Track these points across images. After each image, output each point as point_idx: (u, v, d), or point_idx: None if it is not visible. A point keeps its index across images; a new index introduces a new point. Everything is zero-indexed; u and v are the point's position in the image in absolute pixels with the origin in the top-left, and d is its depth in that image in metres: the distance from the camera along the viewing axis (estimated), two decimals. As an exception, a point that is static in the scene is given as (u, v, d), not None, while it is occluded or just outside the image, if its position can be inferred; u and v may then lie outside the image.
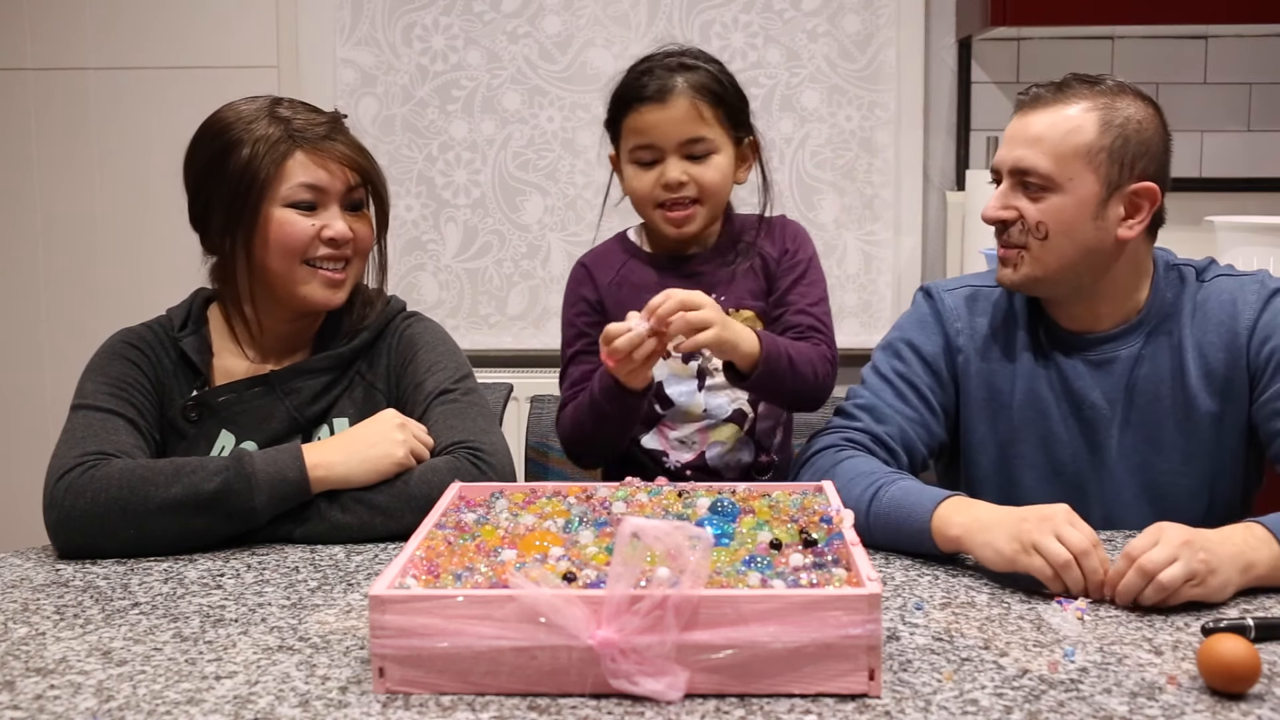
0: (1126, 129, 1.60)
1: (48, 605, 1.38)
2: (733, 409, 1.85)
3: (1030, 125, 1.63)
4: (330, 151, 1.69)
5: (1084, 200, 1.61)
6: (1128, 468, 1.68)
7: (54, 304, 3.47)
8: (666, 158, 1.79)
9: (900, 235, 3.35)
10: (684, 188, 1.79)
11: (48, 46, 3.40)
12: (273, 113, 1.69)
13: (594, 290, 1.88)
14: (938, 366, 1.74)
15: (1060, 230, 1.61)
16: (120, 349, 1.72)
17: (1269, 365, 1.63)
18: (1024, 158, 1.62)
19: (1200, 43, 3.26)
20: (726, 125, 1.81)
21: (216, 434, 1.70)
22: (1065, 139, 1.60)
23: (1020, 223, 1.64)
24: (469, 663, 1.10)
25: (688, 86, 1.77)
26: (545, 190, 3.37)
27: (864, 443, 1.68)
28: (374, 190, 1.76)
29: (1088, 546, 1.35)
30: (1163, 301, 1.69)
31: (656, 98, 1.77)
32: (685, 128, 1.77)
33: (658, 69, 1.79)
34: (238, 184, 1.66)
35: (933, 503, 1.49)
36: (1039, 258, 1.64)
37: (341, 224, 1.70)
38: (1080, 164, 1.60)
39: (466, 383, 1.76)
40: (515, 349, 3.40)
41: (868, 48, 3.30)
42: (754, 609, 1.08)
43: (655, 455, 1.86)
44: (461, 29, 3.33)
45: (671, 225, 1.82)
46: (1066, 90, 1.63)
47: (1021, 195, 1.64)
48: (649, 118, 1.78)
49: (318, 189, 1.68)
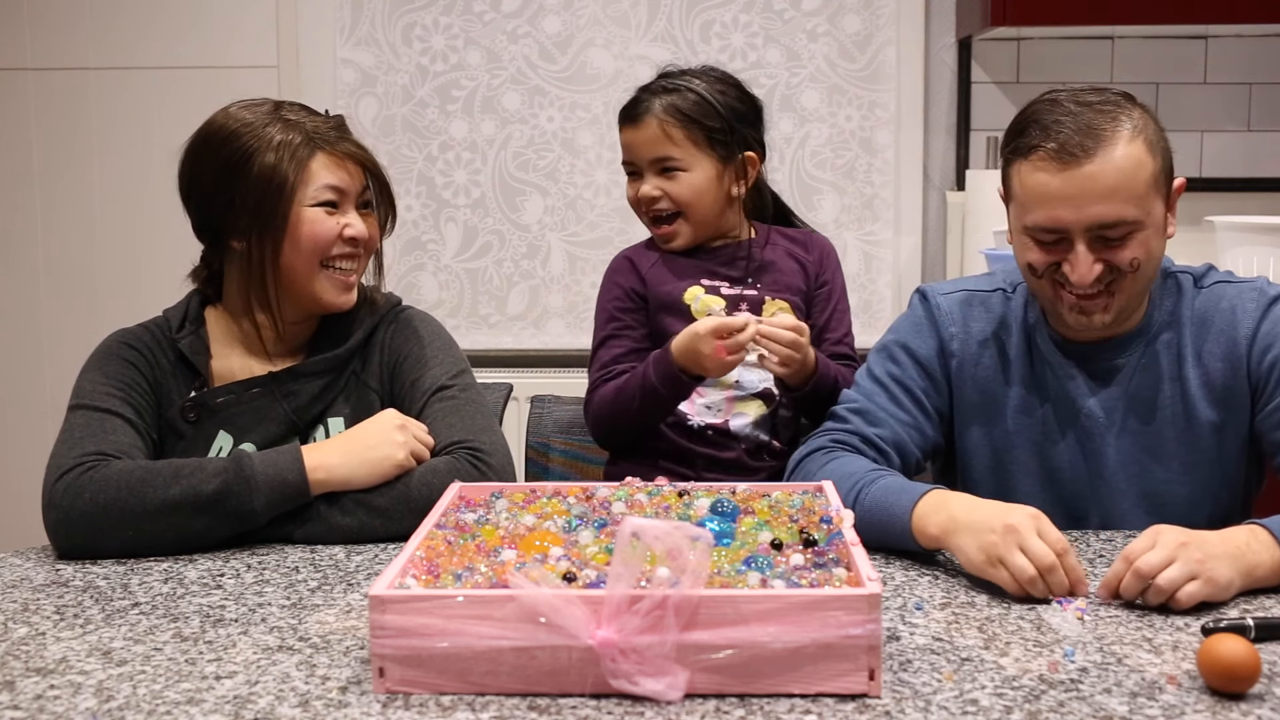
0: (1161, 140, 1.59)
1: (48, 605, 1.38)
2: (762, 386, 1.96)
3: (1096, 179, 1.53)
4: (346, 152, 1.72)
5: (1158, 225, 1.59)
6: (1126, 476, 1.67)
7: (54, 304, 3.47)
8: (644, 174, 1.96)
9: (900, 235, 3.35)
10: (657, 202, 1.96)
11: (48, 46, 3.40)
12: (281, 118, 1.70)
13: (635, 277, 2.01)
14: (932, 369, 1.74)
15: (1148, 259, 1.58)
16: (117, 349, 1.72)
17: (1271, 375, 1.62)
18: (1106, 214, 1.54)
19: (1200, 43, 3.26)
20: (702, 144, 1.94)
21: (214, 435, 1.69)
22: (1138, 180, 1.54)
23: (1108, 269, 1.57)
24: (469, 663, 1.10)
25: (660, 109, 1.95)
26: (545, 190, 3.37)
27: (855, 444, 1.67)
28: (382, 190, 1.78)
29: (1052, 561, 1.33)
30: (1161, 310, 1.68)
31: (632, 119, 1.97)
32: (653, 148, 1.95)
33: (645, 90, 1.98)
34: (265, 187, 1.66)
35: (911, 501, 1.48)
36: (1129, 290, 1.60)
37: (360, 224, 1.72)
38: (1153, 196, 1.57)
39: (464, 378, 1.75)
40: (515, 349, 3.39)
41: (868, 48, 3.30)
42: (754, 609, 1.08)
43: (680, 415, 1.95)
44: (461, 29, 3.33)
45: (659, 238, 2.01)
46: (1097, 130, 1.54)
47: (1102, 247, 1.56)
48: (626, 136, 1.99)
49: (339, 189, 1.70)
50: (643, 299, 1.99)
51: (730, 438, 1.94)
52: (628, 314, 1.98)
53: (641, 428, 1.93)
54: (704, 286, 1.95)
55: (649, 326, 1.97)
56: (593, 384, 1.96)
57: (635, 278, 2.00)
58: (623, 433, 1.95)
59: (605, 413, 1.92)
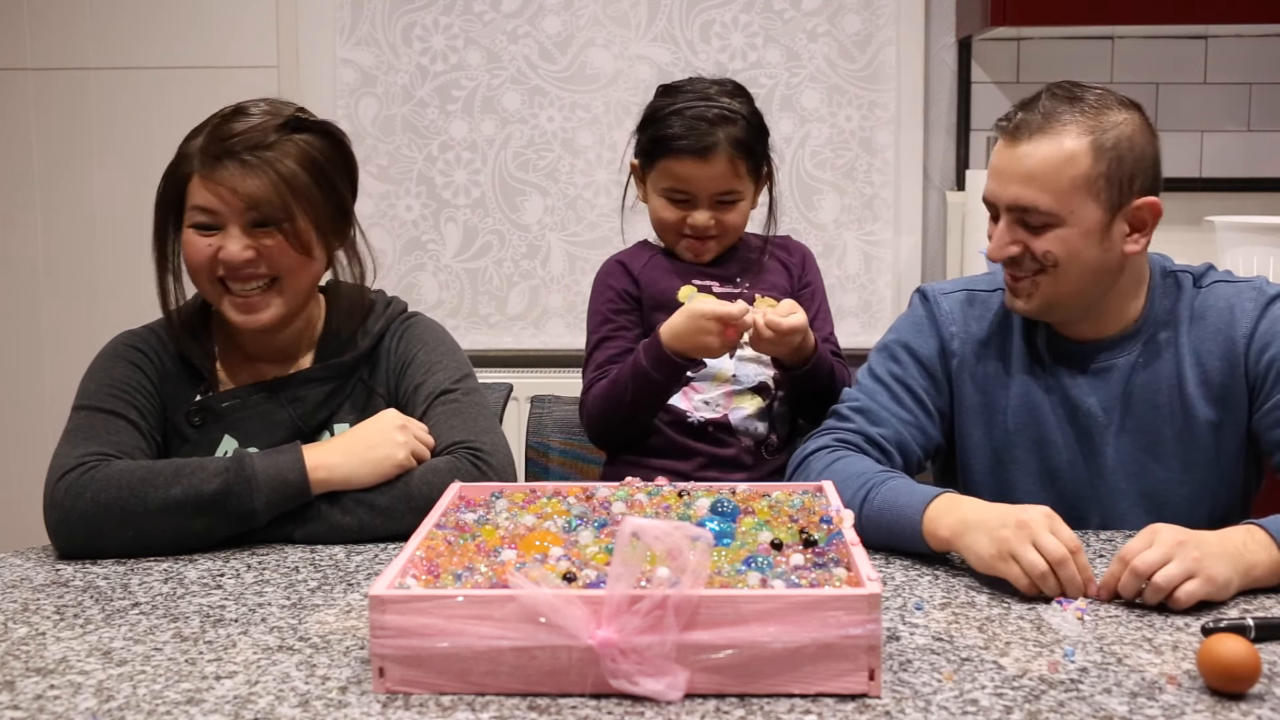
0: (1120, 149, 1.56)
1: (48, 605, 1.38)
2: (758, 380, 1.97)
3: (1022, 160, 1.57)
4: (221, 177, 1.61)
5: (1089, 229, 1.58)
6: (1125, 475, 1.68)
7: (54, 303, 3.47)
8: (699, 204, 1.93)
9: (900, 235, 3.35)
10: (709, 229, 1.94)
11: (48, 46, 3.39)
12: (207, 126, 1.66)
13: (629, 279, 2.01)
14: (933, 368, 1.74)
15: (1069, 258, 1.58)
16: (123, 351, 1.72)
17: (1269, 374, 1.62)
18: (1021, 196, 1.57)
19: (1200, 43, 3.26)
20: (754, 172, 1.95)
21: (219, 439, 1.69)
22: (1061, 173, 1.55)
23: (1027, 255, 1.60)
24: (469, 663, 1.10)
25: (728, 144, 1.89)
26: (545, 190, 3.37)
27: (857, 444, 1.68)
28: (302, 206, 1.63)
29: (1064, 555, 1.34)
30: (1160, 309, 1.68)
31: (698, 154, 1.89)
32: (722, 182, 1.91)
33: (699, 119, 1.89)
34: (163, 205, 1.69)
35: (923, 503, 1.49)
36: (1050, 286, 1.61)
37: (236, 245, 1.62)
38: (1081, 196, 1.56)
39: (467, 382, 1.75)
40: (515, 349, 3.39)
41: (868, 48, 3.30)
42: (754, 609, 1.08)
43: (678, 413, 1.95)
44: (461, 29, 3.33)
45: (690, 253, 2.00)
46: (1053, 118, 1.56)
47: (1022, 230, 1.59)
48: (688, 170, 1.90)
49: (207, 210, 1.63)
50: (636, 300, 1.99)
51: (729, 433, 1.94)
52: (622, 315, 1.99)
53: (637, 421, 1.93)
54: (696, 285, 1.95)
55: (643, 327, 1.98)
56: (588, 384, 1.97)
57: (628, 279, 2.00)
58: (618, 428, 1.95)
59: (599, 409, 1.92)
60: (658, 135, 1.92)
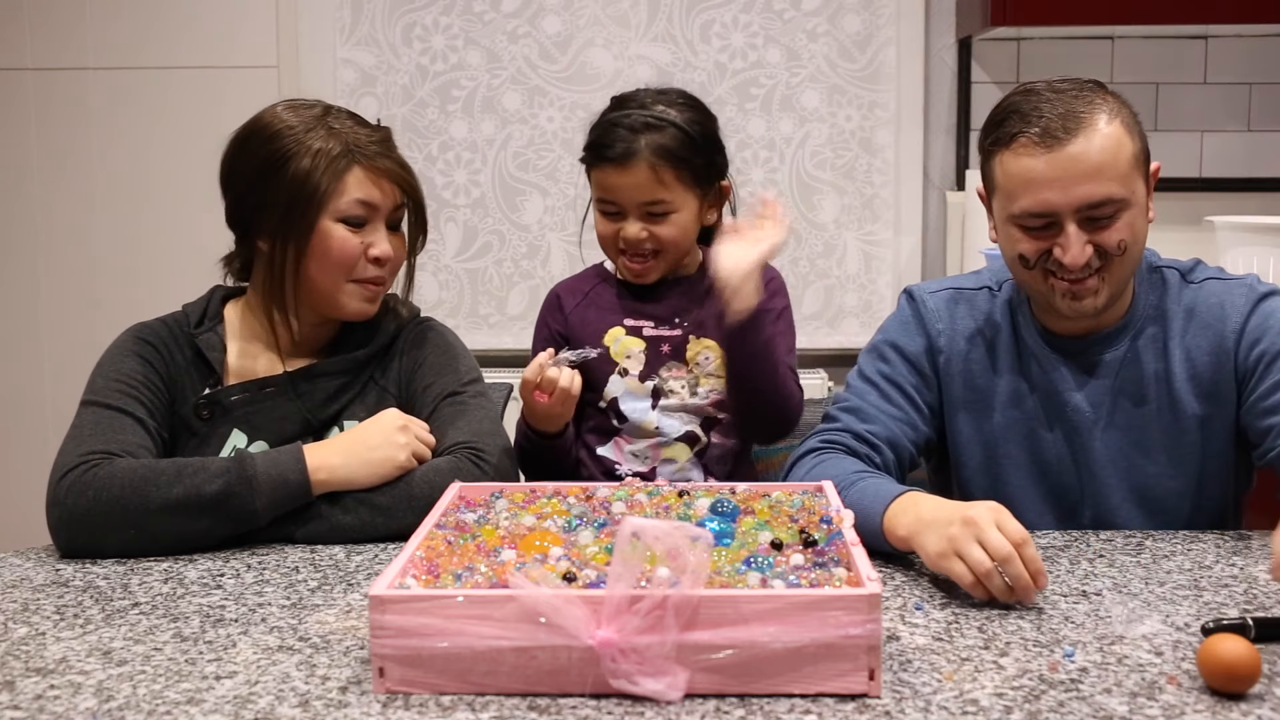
0: (1135, 124, 1.60)
1: (48, 605, 1.38)
2: (684, 430, 1.91)
3: (1079, 160, 1.54)
4: (384, 169, 1.71)
5: (1142, 204, 1.60)
6: (1115, 470, 1.68)
7: (54, 304, 3.47)
8: (627, 215, 1.86)
9: (900, 235, 3.35)
10: (642, 243, 1.86)
11: (48, 46, 3.40)
12: (326, 125, 1.70)
13: (560, 319, 1.96)
14: (921, 365, 1.74)
15: (1134, 240, 1.59)
16: (134, 345, 1.72)
17: (1257, 367, 1.62)
18: (1094, 193, 1.54)
19: (1200, 43, 3.26)
20: (688, 182, 1.85)
21: (228, 433, 1.70)
22: (1120, 158, 1.55)
23: (1097, 253, 1.58)
24: (469, 663, 1.10)
25: (649, 151, 1.82)
26: (545, 190, 3.37)
27: (846, 443, 1.68)
28: (416, 207, 1.77)
29: (1010, 552, 1.30)
30: (1146, 304, 1.69)
31: (619, 160, 1.83)
32: (644, 191, 1.84)
33: (624, 127, 1.83)
34: (296, 194, 1.66)
35: (884, 503, 1.48)
36: (1119, 271, 1.60)
37: (387, 244, 1.72)
38: (1136, 174, 1.58)
39: (475, 386, 1.77)
40: (515, 349, 3.39)
41: (868, 48, 3.30)
42: (754, 609, 1.08)
43: (608, 464, 1.91)
44: (461, 29, 3.33)
45: (630, 273, 1.92)
46: (1073, 115, 1.55)
47: (1090, 228, 1.57)
48: (610, 178, 1.86)
49: (370, 205, 1.70)
50: (565, 340, 1.94)
51: None
52: None
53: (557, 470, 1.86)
54: (625, 328, 1.91)
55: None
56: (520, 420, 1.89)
57: (560, 317, 1.96)
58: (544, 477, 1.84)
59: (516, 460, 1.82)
60: (587, 144, 1.90)
